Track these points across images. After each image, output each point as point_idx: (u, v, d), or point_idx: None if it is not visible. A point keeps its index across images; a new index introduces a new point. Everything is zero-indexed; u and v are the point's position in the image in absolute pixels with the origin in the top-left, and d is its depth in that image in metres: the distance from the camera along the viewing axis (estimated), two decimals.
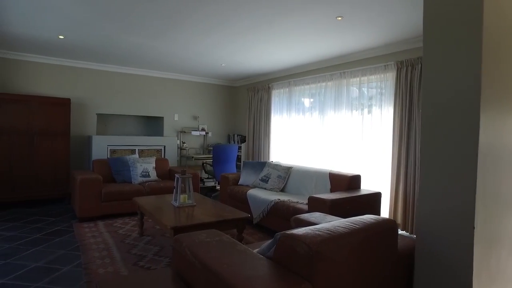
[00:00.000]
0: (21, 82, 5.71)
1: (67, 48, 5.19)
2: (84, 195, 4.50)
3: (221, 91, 8.06)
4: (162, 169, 5.71)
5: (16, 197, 5.24)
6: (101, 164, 5.26)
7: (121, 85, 6.66)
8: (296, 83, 6.26)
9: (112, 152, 6.11)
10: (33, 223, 4.45)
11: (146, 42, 4.76)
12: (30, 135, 5.29)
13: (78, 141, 6.15)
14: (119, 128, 6.87)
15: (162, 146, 6.70)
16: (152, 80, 7.02)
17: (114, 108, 6.60)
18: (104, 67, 6.40)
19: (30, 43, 4.95)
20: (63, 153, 5.55)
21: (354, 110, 5.16)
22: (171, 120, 7.29)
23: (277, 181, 4.90)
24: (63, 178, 5.53)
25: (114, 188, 4.80)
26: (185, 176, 3.59)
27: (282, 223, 3.99)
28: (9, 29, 4.28)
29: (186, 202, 3.61)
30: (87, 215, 4.54)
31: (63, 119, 5.55)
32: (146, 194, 4.93)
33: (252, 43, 4.72)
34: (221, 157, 6.28)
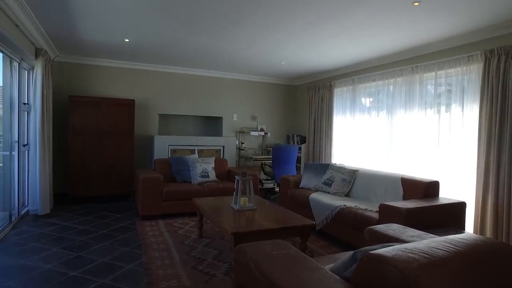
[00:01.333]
0: (92, 85, 6.06)
1: (131, 51, 5.37)
2: (146, 194, 4.59)
3: (280, 90, 7.86)
4: (221, 170, 5.66)
5: (89, 192, 5.55)
6: (162, 163, 5.35)
7: (182, 85, 6.78)
8: (361, 80, 5.82)
9: (172, 152, 6.23)
10: (101, 218, 4.64)
11: (208, 42, 4.72)
12: (99, 135, 5.58)
13: (141, 140, 6.38)
14: (179, 128, 7.01)
15: (221, 146, 6.69)
16: (212, 80, 7.05)
17: (175, 109, 6.74)
18: (166, 69, 6.56)
19: (99, 48, 5.20)
20: (128, 152, 5.78)
21: (428, 109, 4.62)
22: (230, 120, 7.27)
23: (341, 185, 4.55)
24: (128, 176, 5.75)
25: (175, 187, 4.83)
26: (246, 178, 3.44)
27: (348, 231, 3.66)
28: (83, 35, 4.51)
29: (246, 206, 3.46)
30: (148, 213, 4.62)
31: (128, 120, 5.77)
32: (205, 194, 4.89)
33: (316, 39, 4.43)
34: (281, 158, 6.07)
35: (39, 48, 4.60)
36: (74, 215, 4.77)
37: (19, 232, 4.02)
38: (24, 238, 3.81)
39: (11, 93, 4.36)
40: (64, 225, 4.30)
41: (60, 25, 4.15)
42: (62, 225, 4.31)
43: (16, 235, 3.91)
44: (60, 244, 3.65)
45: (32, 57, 4.49)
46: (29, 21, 3.90)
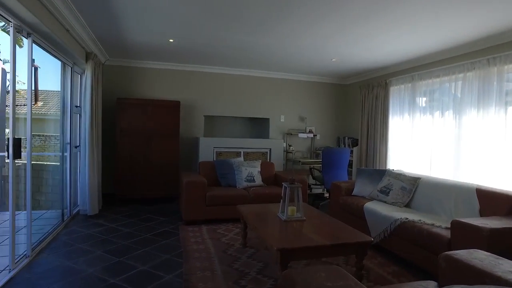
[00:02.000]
0: (139, 87, 6.13)
1: (176, 52, 5.31)
2: (190, 198, 4.46)
3: (330, 90, 7.41)
4: (268, 174, 5.39)
5: (135, 194, 5.59)
6: (207, 166, 5.21)
7: (228, 86, 6.63)
8: (422, 77, 5.22)
9: (218, 154, 6.09)
10: (145, 221, 4.60)
11: (253, 39, 4.49)
12: (145, 137, 5.60)
13: (187, 142, 6.32)
14: (225, 130, 6.87)
15: (267, 149, 6.43)
16: (258, 81, 6.82)
17: (221, 110, 6.61)
18: (211, 69, 6.45)
19: (145, 49, 5.20)
20: (173, 154, 5.73)
21: (510, 107, 3.95)
22: (277, 122, 6.99)
23: (400, 194, 4.05)
24: (173, 179, 5.70)
25: (219, 192, 4.65)
26: (294, 185, 3.12)
27: (410, 248, 3.18)
28: (129, 37, 4.50)
29: (294, 216, 3.14)
30: (192, 218, 4.49)
31: (173, 121, 5.73)
32: (250, 200, 4.65)
33: (370, 31, 3.99)
34: (331, 162, 5.65)
35: (89, 52, 4.68)
36: (121, 217, 4.78)
37: (69, 232, 4.08)
38: (73, 239, 3.85)
39: (64, 96, 4.47)
40: (110, 227, 4.30)
41: (107, 28, 4.17)
42: (108, 226, 4.32)
43: (66, 235, 3.97)
44: (104, 246, 3.62)
45: (83, 61, 4.57)
46: (79, 25, 3.94)
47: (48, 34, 3.40)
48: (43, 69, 4.47)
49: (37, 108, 16.07)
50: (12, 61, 3.00)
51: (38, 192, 6.45)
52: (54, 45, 3.76)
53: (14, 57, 2.98)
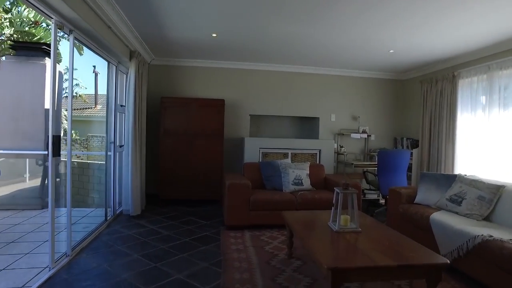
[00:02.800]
0: (183, 86, 6.03)
1: (220, 48, 5.09)
2: (232, 201, 4.18)
3: (386, 86, 6.75)
4: (317, 177, 4.95)
5: (178, 195, 5.46)
6: (251, 168, 4.91)
7: (274, 84, 6.30)
8: (502, 66, 4.44)
9: (264, 156, 5.77)
10: (186, 224, 4.40)
11: (301, 30, 4.11)
12: (189, 136, 5.45)
13: (231, 143, 6.09)
14: (272, 130, 6.53)
15: (317, 150, 5.97)
16: (307, 78, 6.40)
17: (267, 109, 6.29)
18: (257, 66, 6.16)
19: (189, 46, 5.05)
20: (217, 155, 5.52)
21: None
22: (327, 121, 6.50)
23: (477, 205, 3.39)
24: (217, 180, 5.48)
25: (263, 196, 4.31)
26: (348, 191, 2.68)
27: (495, 273, 2.57)
28: (171, 33, 4.36)
29: (347, 226, 2.70)
30: (234, 223, 4.20)
31: (218, 121, 5.52)
32: (298, 205, 4.26)
33: (433, 14, 3.41)
34: (389, 165, 5.06)
35: (133, 50, 4.63)
36: (162, 218, 4.65)
37: (110, 232, 4.01)
38: (113, 239, 3.75)
39: (109, 95, 4.45)
40: (151, 229, 4.16)
41: (149, 24, 4.05)
42: (148, 228, 4.19)
43: (108, 235, 3.89)
44: (142, 250, 3.46)
45: (127, 59, 4.52)
46: (121, 22, 3.86)
47: (89, 31, 3.33)
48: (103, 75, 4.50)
49: (96, 111, 16.88)
50: (53, 57, 2.94)
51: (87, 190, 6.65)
52: (97, 43, 3.70)
53: (55, 52, 2.91)
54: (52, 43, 2.91)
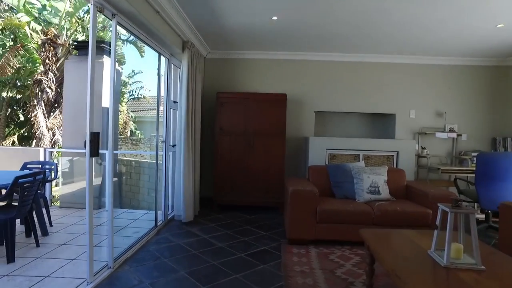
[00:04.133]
0: (241, 80, 5.54)
1: (280, 36, 4.50)
2: (296, 211, 3.53)
3: (483, 74, 5.54)
4: (396, 184, 4.08)
5: (234, 200, 4.97)
6: (318, 172, 4.21)
7: (343, 76, 5.51)
8: None
9: (331, 158, 5.02)
10: (243, 235, 3.87)
11: (375, 5, 3.32)
12: (247, 135, 4.92)
13: (293, 143, 5.43)
14: (339, 128, 5.74)
15: (394, 152, 5.06)
16: (380, 68, 5.50)
17: (334, 105, 5.52)
18: (322, 56, 5.44)
19: (246, 35, 4.54)
20: (278, 156, 4.91)
21: None
22: (405, 118, 5.52)
23: None
24: (278, 184, 4.87)
25: (333, 205, 3.60)
26: (463, 210, 1.88)
27: None
28: (226, 20, 3.89)
29: (461, 260, 1.89)
30: (298, 236, 3.55)
31: (279, 118, 4.91)
32: (375, 219, 3.47)
33: None
34: (492, 172, 3.98)
35: (186, 40, 4.23)
36: (216, 226, 4.18)
37: (159, 240, 3.63)
38: (161, 250, 3.35)
39: (159, 90, 4.11)
40: (202, 239, 3.70)
41: (202, 9, 3.61)
42: (200, 238, 3.73)
43: (156, 244, 3.51)
44: (190, 265, 2.98)
45: (180, 51, 4.14)
46: (170, 7, 3.46)
47: (135, 16, 2.95)
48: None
49: (160, 112, 17.21)
50: (92, 45, 2.60)
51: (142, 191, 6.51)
52: (145, 31, 3.34)
53: (94, 39, 2.57)
54: (90, 28, 2.56)
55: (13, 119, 10.41)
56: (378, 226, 3.44)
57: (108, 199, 2.86)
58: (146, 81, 16.24)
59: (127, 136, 14.28)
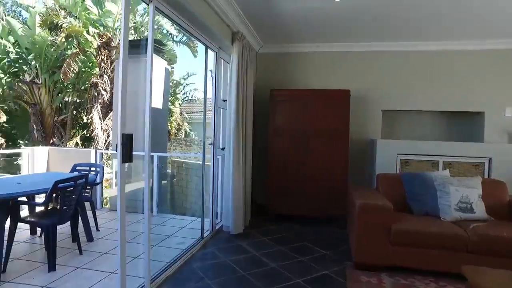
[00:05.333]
0: (296, 76, 5.00)
1: (342, 21, 3.87)
2: (365, 229, 2.89)
3: None
4: (495, 200, 3.23)
5: (289, 209, 4.43)
6: (389, 181, 3.51)
7: (418, 69, 4.70)
8: None
9: (403, 164, 4.26)
10: (299, 253, 3.32)
11: None
12: (304, 137, 4.36)
13: (356, 146, 4.74)
14: (413, 130, 4.91)
15: (484, 159, 4.15)
16: (464, 57, 4.58)
17: (406, 102, 4.73)
18: (392, 46, 4.68)
19: (302, 24, 4.00)
20: (340, 161, 4.27)
21: None
22: (498, 117, 4.53)
23: None
24: (340, 193, 4.23)
25: (412, 224, 2.89)
26: None
27: None
28: (279, 5, 3.38)
29: None
30: (367, 260, 2.91)
31: (341, 117, 4.27)
32: (471, 246, 2.70)
33: None
34: None
35: (236, 31, 3.80)
36: (269, 240, 3.68)
37: (204, 255, 3.22)
38: (206, 268, 2.93)
39: (206, 87, 3.73)
40: (253, 256, 3.22)
41: None
42: (250, 254, 3.25)
43: (200, 260, 3.11)
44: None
45: (229, 43, 3.72)
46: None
47: (175, 1, 2.57)
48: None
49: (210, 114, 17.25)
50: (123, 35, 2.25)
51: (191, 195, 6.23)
52: (188, 19, 2.93)
53: (126, 30, 2.22)
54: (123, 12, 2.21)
55: (78, 121, 10.95)
56: (475, 256, 2.68)
57: (146, 209, 2.50)
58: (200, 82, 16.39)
59: (181, 138, 14.47)
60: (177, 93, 14.14)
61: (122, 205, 2.15)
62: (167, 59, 8.63)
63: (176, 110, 13.57)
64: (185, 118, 14.89)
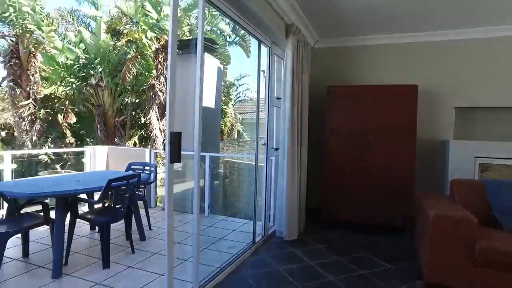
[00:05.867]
0: (355, 72, 4.63)
1: (411, 8, 3.44)
2: (440, 244, 2.48)
3: None
4: None
5: (347, 215, 4.09)
6: (468, 189, 3.03)
7: (498, 58, 4.07)
8: None
9: (483, 169, 3.70)
10: (359, 265, 2.99)
11: None
12: (364, 137, 3.98)
13: (423, 147, 4.23)
14: (492, 129, 4.27)
15: None
16: None
17: (484, 98, 4.12)
18: (467, 34, 4.12)
19: (363, 13, 3.63)
20: (405, 163, 3.82)
21: None
22: None
23: None
24: (404, 201, 3.80)
25: (503, 243, 2.41)
26: None
27: None
28: None
29: None
30: (441, 280, 2.49)
31: (407, 115, 3.83)
32: None
33: None
34: None
35: (290, 24, 3.56)
36: (325, 249, 3.39)
37: (256, 263, 3.04)
38: (256, 277, 2.74)
39: (259, 85, 3.55)
40: (307, 266, 2.96)
41: None
42: (306, 264, 3.00)
43: (251, 267, 2.93)
44: None
45: (283, 36, 3.50)
46: None
47: None
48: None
49: (264, 115, 17.29)
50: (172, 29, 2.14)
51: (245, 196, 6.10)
52: (238, 9, 2.75)
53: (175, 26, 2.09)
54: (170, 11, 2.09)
55: (137, 121, 11.49)
56: None
57: (195, 210, 2.38)
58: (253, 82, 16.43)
59: (234, 138, 14.59)
60: (230, 94, 14.28)
61: (170, 206, 2.04)
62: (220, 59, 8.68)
63: (230, 111, 13.69)
64: (238, 119, 15.00)
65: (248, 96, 16.06)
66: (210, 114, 5.45)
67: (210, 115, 5.42)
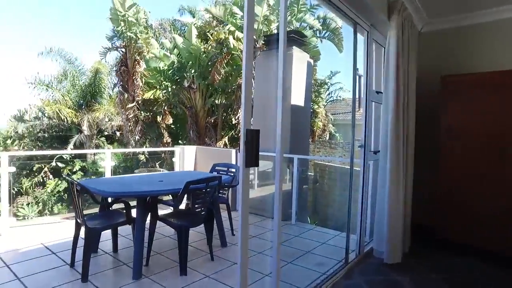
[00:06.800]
0: (477, 57, 3.64)
1: None
2: None
3: None
4: None
5: (468, 238, 3.23)
6: None
7: None
8: None
9: None
10: None
11: None
12: (497, 140, 3.09)
13: None
14: None
15: None
16: None
17: None
18: None
19: None
20: None
21: None
22: None
23: None
24: None
25: None
26: None
27: None
28: None
29: None
30: None
31: None
32: None
33: None
34: None
35: (393, 0, 2.92)
36: (440, 280, 2.67)
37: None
38: None
39: (354, 77, 3.00)
40: None
41: None
42: None
43: None
44: None
45: (384, 17, 2.89)
46: None
47: None
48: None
49: (359, 114, 16.56)
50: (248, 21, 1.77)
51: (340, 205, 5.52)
52: None
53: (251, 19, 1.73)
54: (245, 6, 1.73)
55: (228, 122, 11.76)
56: None
57: (276, 218, 2.01)
58: (345, 81, 15.43)
59: (325, 140, 13.92)
60: (321, 93, 13.64)
61: (245, 217, 1.72)
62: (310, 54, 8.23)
63: (321, 111, 13.07)
64: (330, 119, 14.28)
65: (341, 96, 15.15)
66: (299, 113, 5.03)
67: (298, 113, 5.00)
